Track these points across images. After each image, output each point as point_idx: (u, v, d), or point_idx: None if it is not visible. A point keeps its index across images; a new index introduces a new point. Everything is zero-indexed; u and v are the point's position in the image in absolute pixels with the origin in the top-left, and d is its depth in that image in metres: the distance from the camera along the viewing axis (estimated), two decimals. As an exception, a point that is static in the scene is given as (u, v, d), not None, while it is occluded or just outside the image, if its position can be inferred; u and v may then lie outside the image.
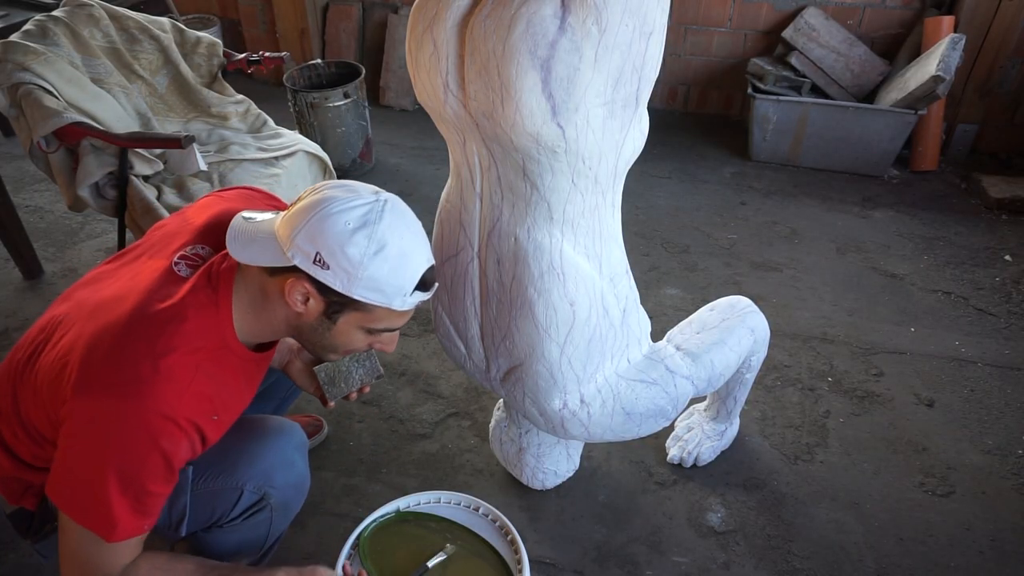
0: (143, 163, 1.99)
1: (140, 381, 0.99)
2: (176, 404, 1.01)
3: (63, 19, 2.03)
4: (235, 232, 1.10)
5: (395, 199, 1.10)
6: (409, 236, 1.08)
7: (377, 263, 1.04)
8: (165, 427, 1.01)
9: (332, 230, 1.02)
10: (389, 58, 3.60)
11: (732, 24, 3.26)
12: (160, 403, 1.00)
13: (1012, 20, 2.81)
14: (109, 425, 0.99)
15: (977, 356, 2.17)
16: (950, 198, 2.93)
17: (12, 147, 3.23)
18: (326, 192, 1.06)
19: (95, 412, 1.00)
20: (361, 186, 1.09)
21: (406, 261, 1.07)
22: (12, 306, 2.37)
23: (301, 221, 1.03)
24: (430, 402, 2.02)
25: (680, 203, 2.91)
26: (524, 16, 1.02)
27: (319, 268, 1.03)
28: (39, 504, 1.21)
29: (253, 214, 1.13)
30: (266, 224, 1.10)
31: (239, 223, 1.11)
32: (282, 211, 1.13)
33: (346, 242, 1.02)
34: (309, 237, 1.02)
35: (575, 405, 1.37)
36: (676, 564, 1.62)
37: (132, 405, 0.99)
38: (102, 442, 1.00)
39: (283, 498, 1.27)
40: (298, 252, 1.03)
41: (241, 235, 1.09)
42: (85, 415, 1.00)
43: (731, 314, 1.57)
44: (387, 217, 1.05)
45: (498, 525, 1.39)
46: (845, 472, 1.83)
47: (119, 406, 0.99)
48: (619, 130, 1.15)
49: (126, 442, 1.00)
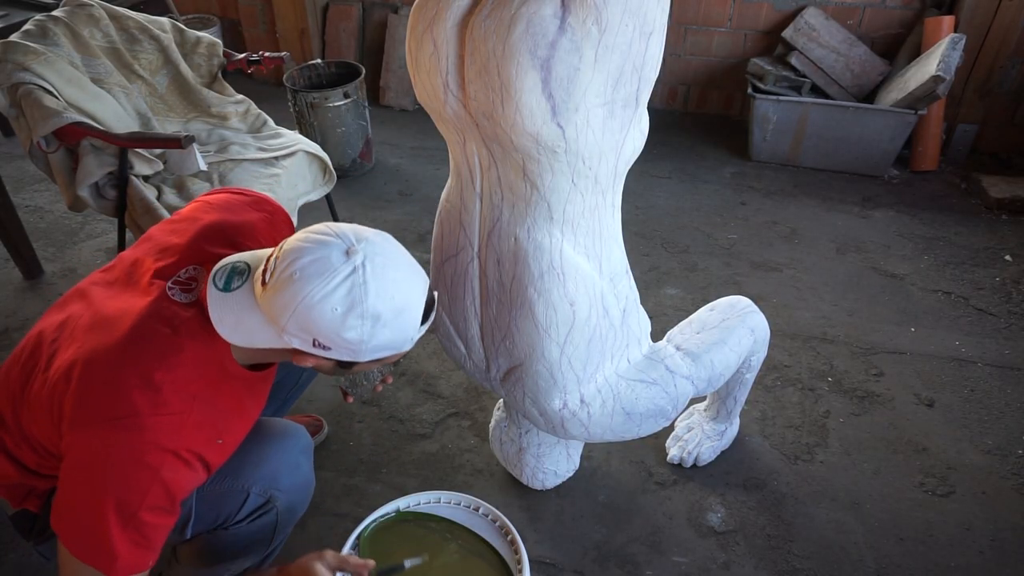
0: (143, 163, 1.99)
1: (138, 414, 0.98)
2: (176, 436, 1.01)
3: (63, 19, 2.03)
4: (216, 309, 1.03)
5: (371, 249, 1.00)
6: (400, 290, 1.02)
7: (378, 333, 1.01)
8: (165, 459, 0.99)
9: (321, 320, 0.97)
10: (389, 58, 3.60)
11: (732, 24, 3.26)
12: (159, 436, 0.99)
13: (1012, 20, 2.81)
14: (108, 458, 0.98)
15: (977, 356, 2.17)
16: (950, 198, 2.93)
17: (12, 147, 3.23)
18: (299, 276, 0.97)
19: (93, 445, 0.98)
20: (332, 246, 0.99)
21: (405, 315, 1.03)
22: (12, 306, 2.37)
23: (285, 310, 0.98)
24: (430, 402, 2.02)
25: (680, 203, 2.91)
26: (524, 16, 1.02)
27: (320, 350, 1.01)
28: (42, 507, 1.21)
29: (226, 268, 1.06)
30: (244, 295, 1.03)
31: (215, 296, 1.04)
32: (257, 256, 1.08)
33: (340, 328, 0.98)
34: (301, 327, 0.98)
35: (575, 405, 1.37)
36: (676, 564, 1.62)
37: (131, 438, 0.98)
38: (101, 476, 0.98)
39: (289, 501, 1.27)
40: (294, 338, 1.00)
41: (226, 313, 1.03)
42: (84, 449, 0.99)
43: (731, 314, 1.57)
44: (371, 284, 0.98)
45: (498, 525, 1.39)
46: (845, 472, 1.83)
47: (117, 439, 0.98)
48: (619, 130, 1.15)
49: (126, 476, 0.98)
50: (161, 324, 1.05)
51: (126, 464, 0.98)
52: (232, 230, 1.21)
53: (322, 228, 1.03)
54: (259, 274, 1.03)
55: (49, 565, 1.39)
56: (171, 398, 1.01)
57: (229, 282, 1.04)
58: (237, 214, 1.25)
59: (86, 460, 0.99)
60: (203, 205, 1.26)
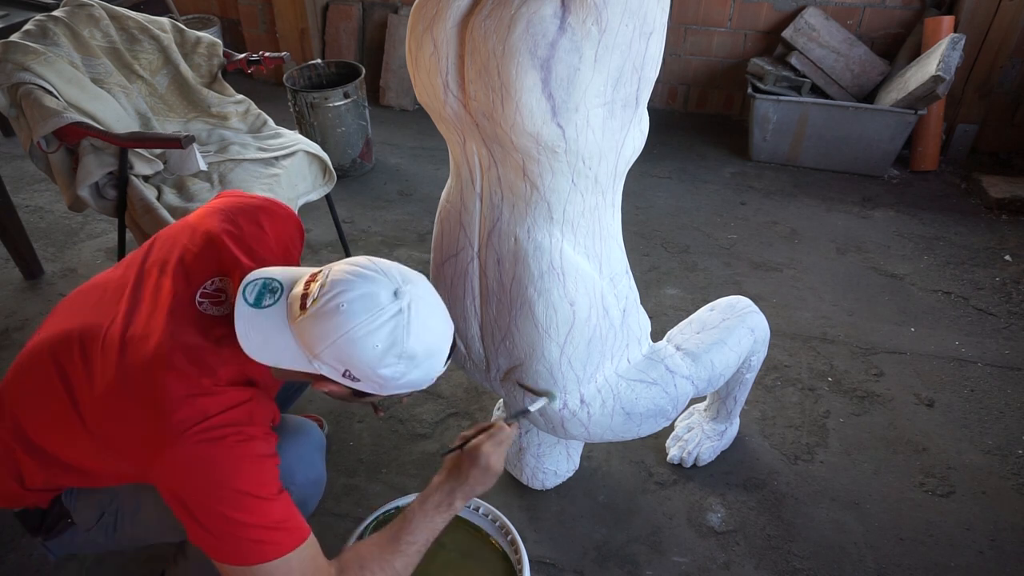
0: (143, 163, 1.99)
1: (208, 416, 1.01)
2: (252, 421, 1.05)
3: (63, 19, 2.03)
4: (244, 324, 1.03)
5: (416, 293, 1.03)
6: (436, 332, 1.06)
7: (409, 372, 1.03)
8: (255, 444, 1.04)
9: (361, 355, 0.99)
10: (389, 58, 3.60)
11: (732, 24, 3.26)
12: (241, 427, 1.03)
13: (1012, 20, 2.81)
14: (214, 467, 1.00)
15: (977, 356, 2.17)
16: (950, 198, 2.93)
17: (12, 147, 3.23)
18: (346, 309, 0.97)
19: (193, 463, 1.00)
20: (382, 283, 1.00)
21: (435, 358, 1.06)
22: (12, 306, 2.37)
23: (324, 339, 0.98)
24: (430, 402, 2.02)
25: (680, 203, 2.91)
26: (524, 16, 1.02)
27: (349, 380, 1.03)
28: (52, 502, 1.21)
29: (256, 283, 1.05)
30: (276, 314, 1.02)
31: (244, 311, 1.03)
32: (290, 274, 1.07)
33: (377, 364, 1.00)
34: (336, 358, 0.99)
35: (575, 405, 1.37)
36: (676, 564, 1.62)
37: (221, 439, 1.01)
38: (220, 486, 1.00)
39: (302, 495, 1.26)
40: (324, 366, 1.01)
41: (254, 330, 1.03)
42: (185, 469, 1.00)
43: (731, 314, 1.57)
44: (414, 327, 1.01)
45: (498, 525, 1.39)
46: (845, 472, 1.83)
47: (210, 447, 1.00)
48: (619, 130, 1.15)
49: (240, 473, 1.01)
50: (202, 339, 1.06)
51: (232, 465, 1.01)
52: (249, 238, 1.21)
53: (369, 264, 1.03)
54: (297, 296, 1.02)
55: (54, 561, 1.41)
56: (232, 394, 1.04)
57: (260, 299, 1.03)
58: (250, 220, 1.24)
59: (193, 477, 1.00)
60: (214, 211, 1.24)
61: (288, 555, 1.03)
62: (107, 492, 1.21)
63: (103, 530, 1.23)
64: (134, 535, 1.24)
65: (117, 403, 1.04)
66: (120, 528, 1.23)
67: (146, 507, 1.21)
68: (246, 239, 1.20)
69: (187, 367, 1.03)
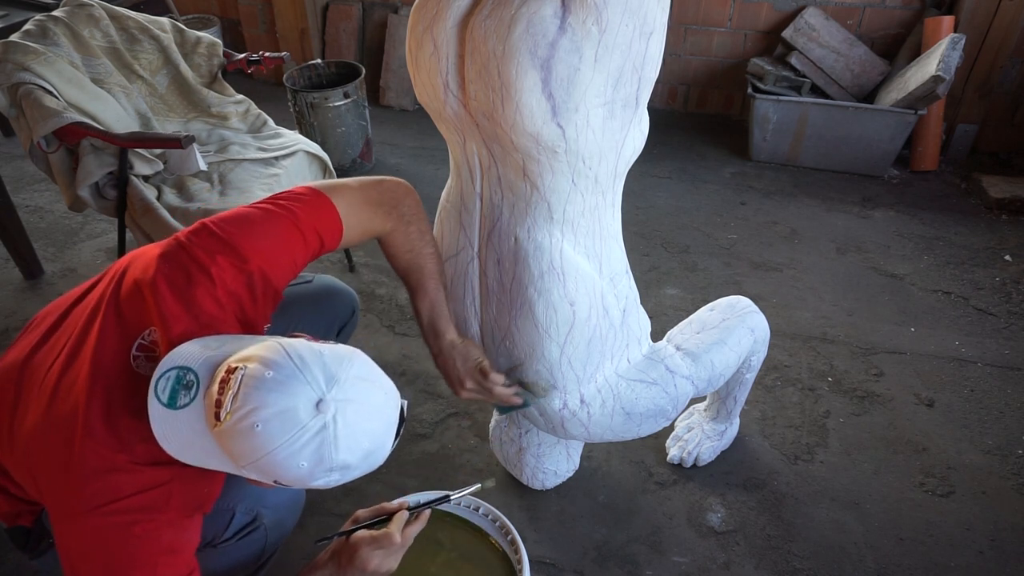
0: (143, 163, 1.99)
1: (119, 498, 0.95)
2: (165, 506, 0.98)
3: (63, 19, 2.03)
4: (161, 426, 0.92)
5: (342, 396, 0.89)
6: (372, 436, 0.93)
7: (346, 477, 0.93)
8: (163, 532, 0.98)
9: (288, 474, 0.89)
10: (389, 58, 3.60)
11: (732, 24, 3.26)
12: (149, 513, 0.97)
13: (1012, 20, 2.81)
14: (107, 547, 0.95)
15: (977, 356, 2.17)
16: (950, 198, 2.93)
17: (12, 147, 3.23)
18: (261, 428, 0.86)
19: (85, 540, 0.96)
20: (300, 395, 0.87)
21: (374, 457, 0.95)
22: (12, 306, 2.37)
23: (245, 457, 0.88)
24: (430, 402, 2.02)
25: (680, 203, 2.91)
26: (524, 16, 1.02)
27: (283, 486, 0.94)
28: (35, 521, 1.20)
29: (167, 382, 0.93)
30: (193, 416, 0.91)
31: (158, 411, 0.92)
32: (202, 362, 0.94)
33: (306, 479, 0.90)
34: (262, 473, 0.90)
35: (575, 405, 1.37)
36: (676, 564, 1.62)
37: (120, 522, 0.95)
38: (116, 569, 0.96)
39: (277, 516, 1.25)
40: (253, 474, 0.92)
41: (172, 432, 0.92)
42: (78, 542, 0.96)
43: (731, 314, 1.58)
44: (342, 440, 0.89)
45: (498, 525, 1.39)
46: (845, 472, 1.83)
47: (107, 527, 0.95)
48: (619, 130, 1.15)
49: (133, 558, 0.96)
50: (124, 408, 0.98)
51: (131, 555, 0.96)
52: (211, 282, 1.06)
53: (286, 363, 0.89)
54: (212, 403, 0.89)
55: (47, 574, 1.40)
56: (149, 474, 0.97)
57: (175, 398, 0.92)
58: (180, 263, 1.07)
59: (91, 554, 0.96)
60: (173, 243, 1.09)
61: None
62: None
63: None
64: None
65: (38, 448, 0.99)
66: None
67: None
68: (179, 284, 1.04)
69: (105, 438, 0.95)
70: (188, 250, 1.05)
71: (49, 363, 1.03)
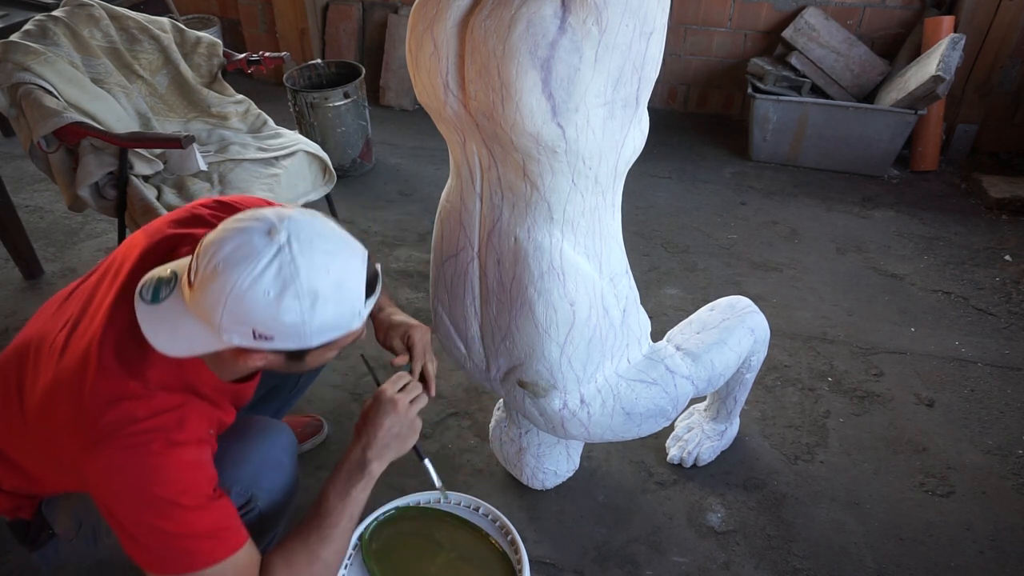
0: (143, 163, 1.99)
1: (136, 420, 0.98)
2: (181, 429, 1.01)
3: (63, 19, 2.03)
4: (148, 324, 0.97)
5: (295, 226, 0.94)
6: (334, 262, 0.96)
7: (319, 312, 0.94)
8: (185, 451, 1.00)
9: (255, 307, 0.91)
10: (389, 58, 3.60)
11: (732, 24, 3.26)
12: (169, 434, 0.99)
13: (1012, 20, 2.81)
14: (132, 471, 0.97)
15: (977, 356, 2.17)
16: (950, 198, 2.93)
17: (12, 147, 3.23)
18: (223, 266, 0.91)
19: (114, 466, 0.98)
20: (252, 230, 0.93)
21: (345, 289, 0.97)
22: (12, 306, 2.37)
23: (216, 306, 0.91)
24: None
25: (680, 203, 2.91)
26: (524, 16, 1.02)
27: (263, 341, 0.95)
28: (34, 514, 1.21)
29: (152, 280, 0.99)
30: (174, 303, 0.96)
31: (144, 311, 0.97)
32: (181, 263, 1.00)
33: (277, 312, 0.91)
34: (235, 320, 0.92)
35: (575, 405, 1.37)
36: (676, 564, 1.62)
37: (145, 443, 0.97)
38: (140, 491, 0.97)
39: (271, 500, 1.25)
40: (233, 335, 0.94)
41: (159, 327, 0.97)
42: (105, 472, 0.98)
43: (731, 314, 1.57)
44: (301, 261, 0.92)
45: (498, 525, 1.39)
46: (845, 472, 1.83)
47: (133, 452, 0.97)
48: (619, 130, 1.15)
49: (162, 479, 0.97)
50: (134, 340, 1.01)
51: (155, 471, 0.97)
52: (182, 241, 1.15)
53: (241, 215, 0.97)
54: (184, 278, 0.96)
55: (47, 570, 1.40)
56: (162, 398, 1.00)
57: (157, 293, 0.98)
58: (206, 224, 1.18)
59: (116, 483, 0.98)
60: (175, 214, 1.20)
61: (221, 563, 1.00)
62: (81, 502, 1.19)
63: (84, 540, 1.22)
64: (114, 545, 1.24)
65: (51, 405, 1.01)
66: (100, 537, 1.22)
67: None
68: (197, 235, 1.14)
69: (116, 370, 0.99)
70: (196, 212, 1.18)
71: (57, 330, 1.07)
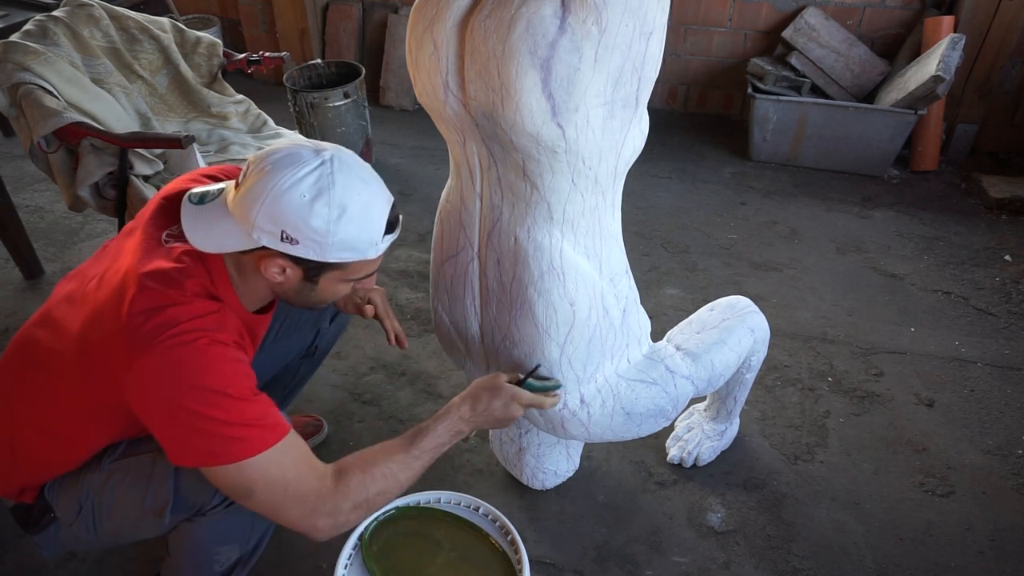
0: (143, 163, 1.99)
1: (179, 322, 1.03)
2: (222, 329, 1.07)
3: (63, 19, 2.03)
4: (190, 221, 1.09)
5: (339, 153, 1.08)
6: (366, 188, 1.08)
7: (343, 225, 1.05)
8: (227, 350, 1.06)
9: (290, 207, 1.02)
10: (389, 58, 3.60)
11: (732, 24, 3.26)
12: (212, 334, 1.05)
13: (1012, 20, 2.81)
14: (186, 365, 1.02)
15: (977, 356, 2.17)
16: (950, 198, 2.93)
17: (12, 147, 3.23)
18: (271, 167, 1.04)
19: (162, 368, 1.02)
20: (303, 147, 1.07)
21: (370, 213, 1.08)
22: (12, 306, 2.37)
23: (256, 202, 1.03)
24: (430, 402, 2.02)
25: (680, 203, 2.91)
26: (524, 16, 1.02)
27: (288, 244, 1.04)
28: (36, 497, 1.23)
29: (200, 189, 1.12)
30: (217, 206, 1.09)
31: (189, 210, 1.10)
32: (231, 181, 1.12)
33: (308, 215, 1.02)
34: (269, 217, 1.03)
35: (575, 405, 1.37)
36: (676, 564, 1.62)
37: (190, 341, 1.02)
38: (194, 382, 1.01)
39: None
40: (263, 233, 1.04)
41: (198, 223, 1.09)
42: (154, 375, 1.02)
43: (731, 314, 1.57)
44: (339, 177, 1.04)
45: (498, 525, 1.39)
46: (845, 472, 1.83)
47: (180, 352, 1.02)
48: (619, 130, 1.15)
49: (211, 369, 1.02)
50: (167, 262, 1.09)
51: (205, 364, 1.02)
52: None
53: (295, 140, 1.12)
54: (232, 183, 1.09)
55: (48, 557, 1.42)
56: (200, 304, 1.07)
57: (203, 198, 1.10)
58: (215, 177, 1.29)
59: (165, 382, 1.02)
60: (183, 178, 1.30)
61: (274, 448, 1.05)
62: (84, 485, 1.22)
63: (84, 524, 1.24)
64: (113, 530, 1.25)
65: (92, 331, 1.07)
66: (99, 523, 1.23)
67: (118, 500, 1.21)
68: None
69: (156, 283, 1.06)
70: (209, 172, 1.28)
71: (87, 281, 1.15)
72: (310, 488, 1.09)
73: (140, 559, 1.62)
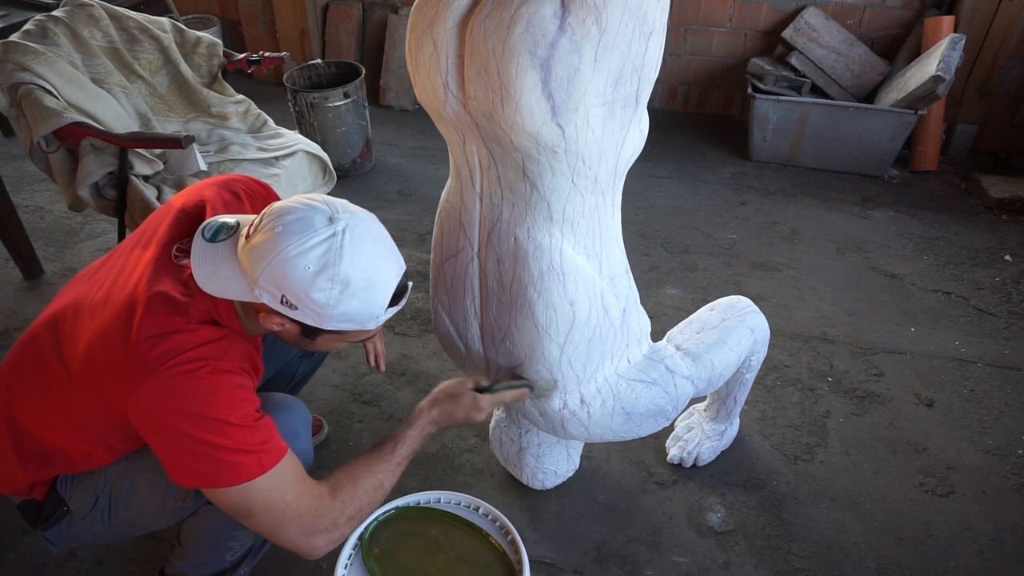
0: (143, 163, 1.99)
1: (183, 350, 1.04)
2: (225, 357, 1.08)
3: (63, 19, 2.03)
4: (198, 257, 1.09)
5: (354, 221, 1.06)
6: (374, 263, 1.06)
7: (345, 300, 1.04)
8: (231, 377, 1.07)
9: (293, 275, 1.01)
10: (389, 58, 3.60)
11: (732, 24, 3.26)
12: (214, 362, 1.06)
13: (1012, 20, 2.81)
14: (184, 396, 1.02)
15: (977, 356, 2.17)
16: (950, 198, 2.93)
17: (12, 147, 3.23)
18: (281, 230, 1.02)
19: (162, 395, 1.03)
20: (319, 210, 1.04)
21: (374, 290, 1.07)
22: (12, 306, 2.37)
23: (261, 261, 1.02)
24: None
25: (680, 203, 2.91)
26: (524, 16, 1.02)
27: (287, 308, 1.04)
28: (47, 493, 1.24)
29: (215, 222, 1.11)
30: (227, 247, 1.08)
31: (200, 245, 1.09)
32: (247, 217, 1.12)
33: (309, 287, 1.01)
34: (272, 281, 1.02)
35: (575, 405, 1.37)
36: (676, 564, 1.62)
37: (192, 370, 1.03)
38: (196, 410, 1.02)
39: None
40: (264, 292, 1.04)
41: (205, 262, 1.08)
42: (155, 401, 1.03)
43: (731, 314, 1.57)
44: (347, 251, 1.02)
45: (498, 525, 1.39)
46: (845, 472, 1.83)
47: (181, 380, 1.03)
48: (619, 130, 1.15)
49: (211, 401, 1.03)
50: (173, 283, 1.10)
51: (208, 393, 1.03)
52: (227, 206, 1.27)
53: (315, 196, 1.08)
54: (246, 229, 1.08)
55: (56, 553, 1.42)
56: (205, 331, 1.08)
57: (216, 234, 1.09)
58: (226, 190, 1.30)
59: (170, 408, 1.03)
60: (195, 188, 1.30)
61: (273, 470, 1.06)
62: (100, 476, 1.23)
63: (99, 516, 1.24)
64: (129, 520, 1.25)
65: (99, 350, 1.07)
66: (115, 513, 1.24)
67: (139, 488, 1.22)
68: (222, 207, 1.25)
69: (162, 307, 1.07)
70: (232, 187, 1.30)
71: (94, 292, 1.15)
72: (308, 507, 1.11)
73: (140, 559, 1.62)
